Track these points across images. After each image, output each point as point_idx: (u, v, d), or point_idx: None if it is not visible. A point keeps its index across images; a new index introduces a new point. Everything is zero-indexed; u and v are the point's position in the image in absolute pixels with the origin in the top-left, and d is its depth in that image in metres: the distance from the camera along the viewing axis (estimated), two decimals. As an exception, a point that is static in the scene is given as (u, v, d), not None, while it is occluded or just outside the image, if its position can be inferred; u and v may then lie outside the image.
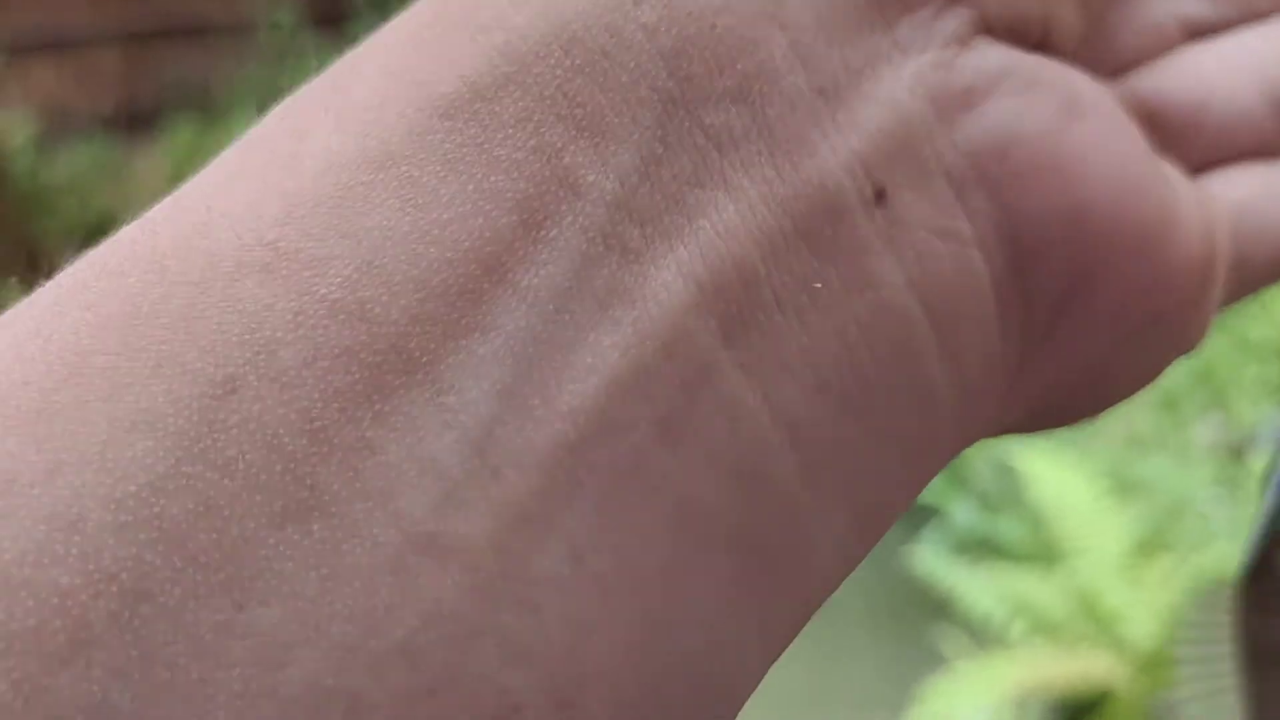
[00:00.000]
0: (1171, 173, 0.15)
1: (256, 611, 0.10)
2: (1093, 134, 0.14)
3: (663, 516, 0.12)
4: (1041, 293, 0.14)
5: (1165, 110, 0.16)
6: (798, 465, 0.12)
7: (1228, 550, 1.12)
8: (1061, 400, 0.15)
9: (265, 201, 0.12)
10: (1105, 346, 0.14)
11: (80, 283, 0.12)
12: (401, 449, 0.11)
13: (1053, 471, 1.24)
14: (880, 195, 0.13)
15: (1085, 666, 1.13)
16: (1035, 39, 0.14)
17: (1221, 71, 0.16)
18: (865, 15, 0.13)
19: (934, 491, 1.33)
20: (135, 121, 2.40)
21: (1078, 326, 0.14)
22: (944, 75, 0.13)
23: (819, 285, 0.12)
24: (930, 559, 1.26)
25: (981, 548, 1.30)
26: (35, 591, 0.10)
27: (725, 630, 0.12)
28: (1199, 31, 0.16)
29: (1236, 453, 1.28)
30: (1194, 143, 0.16)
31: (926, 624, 1.27)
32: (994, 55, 0.14)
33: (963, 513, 1.35)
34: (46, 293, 0.12)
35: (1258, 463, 1.18)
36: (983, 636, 1.22)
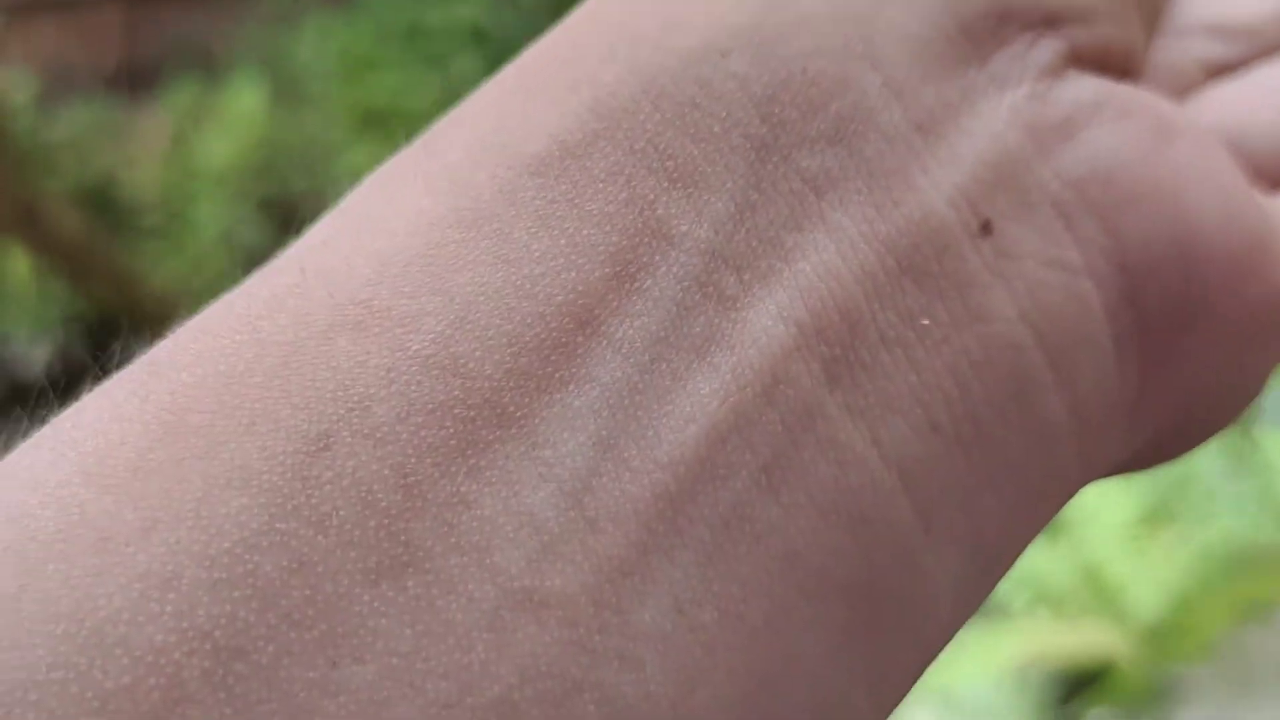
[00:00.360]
0: (1259, 195, 0.15)
1: (351, 669, 0.10)
2: (1191, 157, 0.14)
3: (768, 565, 0.11)
4: (1155, 318, 0.13)
5: None
6: (911, 508, 0.12)
7: (1233, 524, 1.12)
8: (1177, 428, 0.15)
9: (357, 261, 0.12)
10: (1218, 369, 0.14)
11: (178, 345, 0.12)
12: (497, 503, 0.11)
13: (1058, 443, 1.23)
14: (986, 227, 0.13)
15: (1088, 638, 1.13)
16: (1120, 68, 0.14)
17: (1253, 103, 0.16)
18: (959, 50, 0.13)
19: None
20: (137, 81, 2.39)
21: (1193, 350, 0.14)
22: (1040, 106, 0.13)
23: (926, 322, 0.12)
24: (933, 529, 1.26)
25: (985, 518, 1.30)
26: (130, 649, 0.10)
27: (834, 684, 0.12)
28: (1218, 71, 0.17)
29: (1243, 426, 1.28)
30: None
31: (929, 594, 1.28)
32: (1087, 85, 0.14)
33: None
34: (145, 357, 0.12)
35: (1264, 436, 1.17)
36: (985, 606, 1.22)
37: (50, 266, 2.12)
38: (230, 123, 2.24)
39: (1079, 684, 1.14)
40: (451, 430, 0.11)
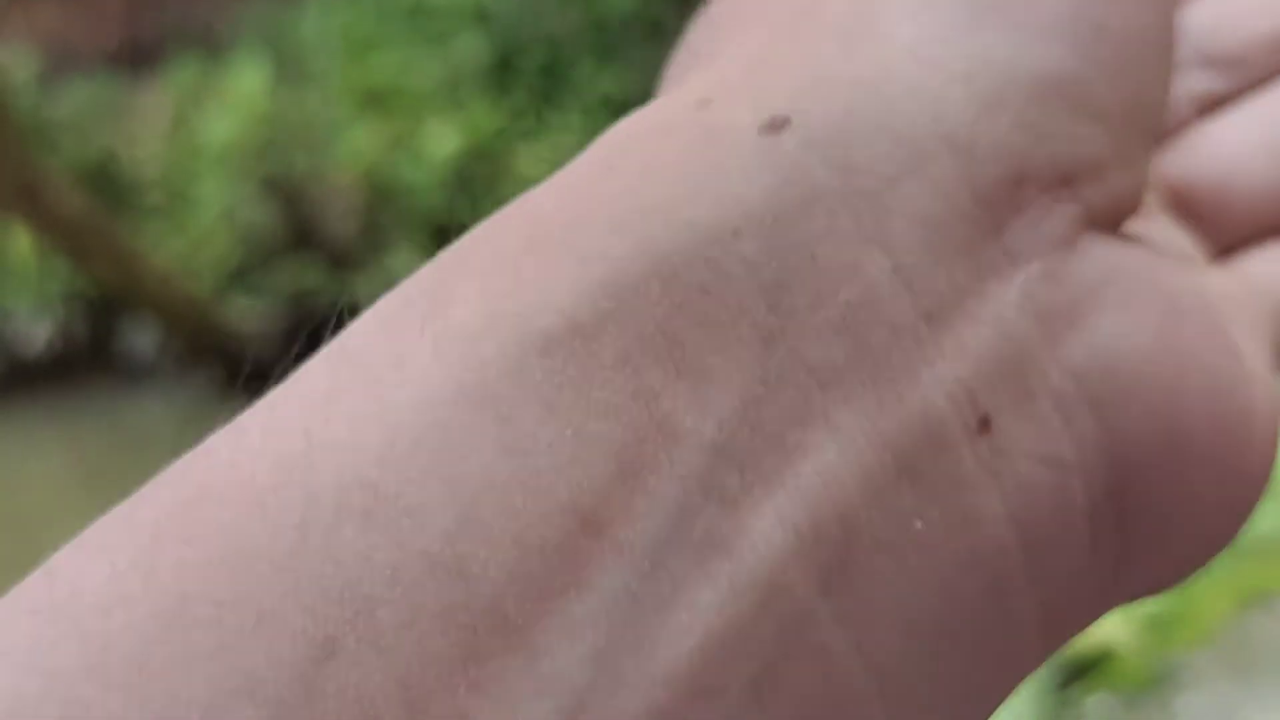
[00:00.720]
0: (1241, 347, 0.14)
1: None
2: (1192, 341, 0.14)
3: None
4: (1136, 513, 0.13)
5: (1192, 191, 0.16)
6: (884, 713, 0.12)
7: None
8: (1151, 588, 0.15)
9: (364, 434, 0.12)
10: (1193, 544, 0.14)
11: (180, 503, 0.11)
12: None
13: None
14: (984, 423, 0.13)
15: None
16: (1130, 207, 0.14)
17: (1241, 147, 0.16)
18: (974, 225, 0.13)
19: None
20: (138, 59, 2.38)
21: (1170, 536, 0.14)
22: (1051, 289, 0.13)
23: (920, 524, 0.12)
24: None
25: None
26: None
27: None
28: (1211, 105, 0.16)
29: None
30: (1223, 222, 0.16)
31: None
32: (1098, 259, 0.14)
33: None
34: (146, 514, 0.12)
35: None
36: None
37: (51, 244, 2.12)
38: (232, 101, 2.24)
39: (1079, 670, 1.14)
40: (454, 639, 0.11)
